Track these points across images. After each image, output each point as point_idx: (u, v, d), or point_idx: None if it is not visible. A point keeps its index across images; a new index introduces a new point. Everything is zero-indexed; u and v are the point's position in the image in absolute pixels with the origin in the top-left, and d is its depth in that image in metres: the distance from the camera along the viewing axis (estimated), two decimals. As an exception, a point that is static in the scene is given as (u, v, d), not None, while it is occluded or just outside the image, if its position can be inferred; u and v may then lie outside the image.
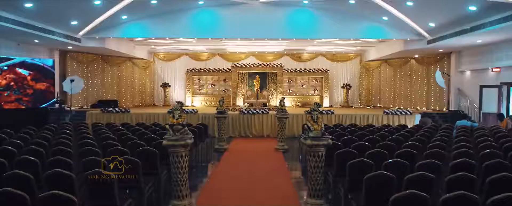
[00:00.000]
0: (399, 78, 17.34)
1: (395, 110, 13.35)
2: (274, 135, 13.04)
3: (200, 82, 19.20)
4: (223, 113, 10.27)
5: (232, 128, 13.21)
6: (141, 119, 13.13)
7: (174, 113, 4.88)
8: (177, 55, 19.14)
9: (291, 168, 8.61)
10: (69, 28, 12.12)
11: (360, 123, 12.87)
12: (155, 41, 15.81)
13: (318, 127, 4.96)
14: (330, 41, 15.28)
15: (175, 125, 4.81)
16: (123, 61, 17.63)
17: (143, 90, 18.85)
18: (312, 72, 18.73)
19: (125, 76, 17.85)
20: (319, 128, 4.95)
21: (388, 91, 17.94)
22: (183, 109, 5.02)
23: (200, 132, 9.11)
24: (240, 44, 16.25)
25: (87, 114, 13.39)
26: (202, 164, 8.97)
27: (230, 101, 18.46)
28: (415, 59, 16.49)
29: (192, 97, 18.80)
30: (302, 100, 18.67)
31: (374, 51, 17.45)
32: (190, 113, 13.29)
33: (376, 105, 18.50)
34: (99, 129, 8.53)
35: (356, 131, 8.35)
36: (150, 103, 19.15)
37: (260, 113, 13.28)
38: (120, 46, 15.29)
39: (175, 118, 4.85)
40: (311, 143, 4.87)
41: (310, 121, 5.05)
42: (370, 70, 18.94)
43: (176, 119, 4.84)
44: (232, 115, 13.27)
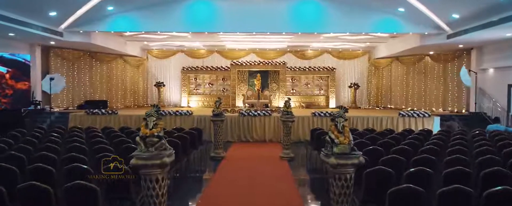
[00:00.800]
0: (412, 77, 16.01)
1: (411, 112, 12.03)
2: (277, 140, 11.77)
3: (197, 81, 17.90)
4: (220, 116, 8.97)
5: (230, 132, 11.92)
6: (129, 122, 11.82)
7: (147, 121, 3.57)
8: (172, 52, 17.84)
9: (299, 182, 7.31)
10: (47, 20, 10.83)
11: (374, 126, 11.57)
12: (148, 37, 14.53)
13: (346, 140, 3.64)
14: (338, 37, 14.00)
15: (148, 137, 3.50)
16: (113, 59, 16.32)
17: (135, 89, 17.54)
18: (317, 71, 17.42)
19: (115, 74, 16.54)
20: (347, 141, 3.63)
21: (399, 91, 16.61)
22: (160, 114, 3.70)
23: (192, 138, 7.83)
24: (240, 39, 14.96)
25: (70, 116, 12.09)
26: (195, 175, 7.69)
27: (229, 101, 17.15)
28: (430, 56, 15.18)
29: (188, 98, 17.50)
30: (307, 100, 17.36)
31: (384, 48, 16.15)
32: (184, 115, 12.00)
33: (387, 106, 17.18)
34: (73, 135, 7.24)
35: (377, 138, 7.03)
36: (143, 103, 17.85)
37: (261, 115, 11.97)
38: (109, 42, 14.00)
39: (148, 127, 3.54)
40: (336, 162, 3.54)
41: (334, 131, 3.73)
42: (379, 68, 17.62)
43: (150, 129, 3.52)
44: (231, 117, 11.97)
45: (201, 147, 8.62)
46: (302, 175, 8.01)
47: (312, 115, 11.96)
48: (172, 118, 11.94)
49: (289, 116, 8.91)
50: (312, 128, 9.13)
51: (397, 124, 11.85)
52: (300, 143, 11.38)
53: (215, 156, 8.95)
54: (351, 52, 17.76)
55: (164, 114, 11.93)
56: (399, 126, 11.78)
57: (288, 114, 8.93)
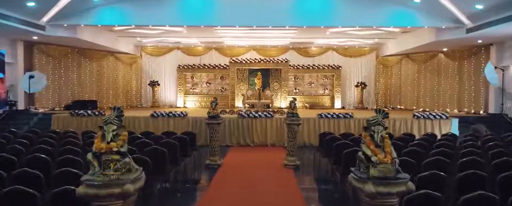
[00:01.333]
0: (424, 76, 14.94)
1: (427, 114, 10.96)
2: (280, 144, 10.74)
3: (194, 80, 16.83)
4: (216, 119, 7.90)
5: (229, 135, 10.88)
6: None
7: (105, 131, 2.51)
8: (168, 49, 16.78)
9: (307, 195, 6.25)
10: (27, 12, 9.78)
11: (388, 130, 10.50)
12: (140, 32, 13.48)
13: (388, 158, 2.55)
14: (345, 32, 12.98)
15: (104, 154, 2.44)
16: (104, 56, 15.26)
17: (128, 89, 16.48)
18: (322, 69, 16.35)
19: (106, 73, 15.48)
20: (390, 160, 2.54)
21: (410, 90, 15.53)
22: (121, 120, 2.65)
23: (184, 145, 6.77)
24: (239, 35, 13.90)
25: (53, 118, 11.03)
26: (187, 186, 6.64)
27: (228, 102, 16.14)
28: (443, 53, 14.11)
29: (185, 98, 16.44)
30: (310, 100, 16.30)
31: (393, 44, 15.09)
32: (178, 117, 10.94)
33: (396, 106, 16.11)
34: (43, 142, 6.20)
35: (400, 145, 5.95)
36: (136, 104, 16.79)
37: (262, 117, 10.91)
38: (98, 37, 12.96)
39: (106, 140, 2.48)
40: (375, 190, 2.47)
41: (370, 145, 2.64)
42: (388, 67, 16.55)
43: (108, 142, 2.47)
44: (229, 119, 10.92)
45: (194, 153, 7.57)
46: (310, 187, 6.97)
47: (318, 117, 10.90)
48: (165, 120, 10.89)
49: (295, 119, 7.84)
50: (321, 133, 8.07)
51: (412, 126, 10.81)
52: (305, 147, 10.35)
53: (211, 164, 7.89)
54: (358, 49, 16.70)
55: (156, 115, 10.88)
56: (414, 128, 10.75)
57: (293, 116, 7.86)
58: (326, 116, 10.88)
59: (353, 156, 5.48)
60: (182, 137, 6.94)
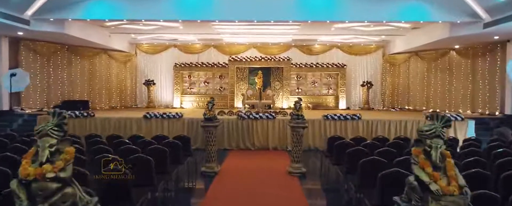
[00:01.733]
0: (435, 74, 14.14)
1: (441, 115, 10.16)
2: (283, 147, 9.98)
3: (191, 79, 16.05)
4: (212, 121, 7.12)
5: (227, 138, 10.11)
6: (107, 126, 10.03)
7: (38, 147, 1.72)
8: (164, 46, 16.00)
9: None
10: (9, 4, 9.00)
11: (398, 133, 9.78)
12: (134, 28, 12.71)
13: (453, 188, 1.75)
14: (351, 28, 12.20)
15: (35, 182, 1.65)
16: (97, 53, 14.48)
17: (122, 88, 15.70)
18: (326, 67, 15.56)
19: (99, 71, 14.69)
20: (456, 189, 1.73)
21: (419, 90, 14.73)
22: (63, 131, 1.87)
23: (175, 151, 6.00)
24: (239, 31, 13.12)
25: (38, 120, 10.25)
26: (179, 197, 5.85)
27: (227, 102, 15.36)
28: (455, 51, 13.31)
29: (181, 97, 15.65)
30: (314, 100, 15.51)
31: (401, 42, 14.30)
32: (173, 119, 10.16)
33: (404, 107, 15.32)
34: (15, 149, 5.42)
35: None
36: (131, 104, 16.01)
37: (264, 118, 10.13)
38: (89, 34, 12.17)
39: (41, 160, 1.69)
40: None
41: (426, 166, 1.85)
42: (395, 65, 15.76)
43: (43, 164, 1.68)
44: (228, 120, 10.15)
45: (189, 160, 6.79)
46: (318, 198, 6.20)
47: (323, 119, 10.13)
48: (158, 122, 10.11)
49: (300, 121, 7.06)
50: (330, 137, 7.28)
51: (425, 129, 9.99)
52: (309, 151, 9.57)
53: (207, 171, 7.11)
54: (363, 47, 15.92)
55: (149, 117, 10.10)
56: (427, 131, 9.94)
57: (299, 118, 7.08)
58: (332, 117, 10.10)
59: (371, 167, 4.75)
60: (174, 142, 6.15)
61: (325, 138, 9.58)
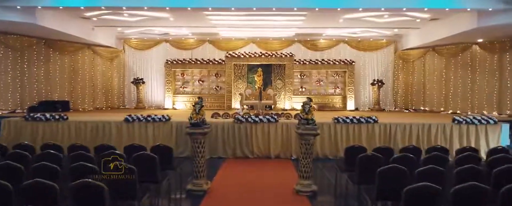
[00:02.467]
0: (454, 72, 12.69)
1: (470, 118, 8.76)
2: (286, 155, 8.59)
3: (185, 77, 14.63)
4: (200, 127, 5.69)
5: (222, 145, 8.70)
6: (82, 132, 8.65)
7: None
8: (155, 41, 14.58)
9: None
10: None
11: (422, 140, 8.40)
12: (119, 20, 11.32)
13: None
14: (362, 19, 10.83)
15: None
16: (79, 49, 13.06)
17: (108, 87, 14.28)
18: (332, 64, 14.14)
19: (81, 68, 13.27)
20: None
21: (436, 89, 13.29)
22: None
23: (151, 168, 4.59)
24: (236, 22, 11.72)
25: (2, 124, 8.84)
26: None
27: (224, 102, 13.97)
28: (479, 45, 11.89)
29: (174, 98, 14.24)
30: (319, 100, 14.09)
31: (416, 36, 12.91)
32: (159, 122, 8.74)
33: (419, 108, 13.90)
34: None
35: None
36: (118, 105, 14.59)
37: (265, 121, 8.72)
38: (68, 26, 10.80)
39: None
40: None
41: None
42: (409, 62, 14.34)
43: None
44: (223, 124, 8.74)
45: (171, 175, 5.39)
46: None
47: (334, 122, 8.71)
48: (142, 127, 8.70)
49: (311, 127, 5.62)
50: (348, 147, 5.83)
51: (451, 134, 8.62)
52: (317, 160, 8.14)
53: (193, 189, 5.69)
54: (372, 42, 14.50)
55: (131, 120, 8.69)
56: (454, 137, 8.58)
57: (308, 123, 5.64)
58: (344, 120, 8.68)
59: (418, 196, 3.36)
60: (150, 157, 4.72)
61: (341, 147, 8.26)
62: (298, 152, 8.51)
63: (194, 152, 5.71)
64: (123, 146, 8.21)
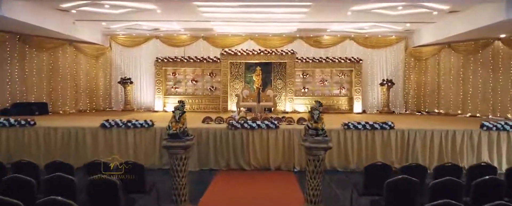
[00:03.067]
0: (473, 71, 11.49)
1: (501, 124, 7.57)
2: (288, 167, 7.45)
3: (177, 77, 13.44)
4: (180, 138, 4.49)
5: (214, 155, 7.54)
6: (52, 140, 7.44)
7: None
8: (144, 38, 13.38)
9: None
10: None
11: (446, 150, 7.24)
12: (101, 12, 10.12)
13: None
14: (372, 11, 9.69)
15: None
16: (59, 45, 11.87)
17: (93, 88, 13.08)
18: (337, 63, 12.95)
19: (62, 67, 12.06)
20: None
21: (453, 89, 12.08)
22: None
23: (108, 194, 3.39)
24: (232, 16, 10.56)
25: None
26: None
27: (219, 104, 12.80)
28: (502, 41, 10.70)
29: (164, 99, 13.04)
30: (323, 102, 12.80)
31: (429, 31, 11.74)
32: (141, 128, 7.56)
33: (432, 110, 12.70)
34: None
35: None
36: (104, 107, 13.40)
37: (263, 127, 7.54)
38: (44, 19, 9.63)
39: None
40: None
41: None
42: (421, 60, 13.15)
43: None
44: (215, 130, 7.56)
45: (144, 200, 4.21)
46: None
47: (343, 128, 7.53)
48: (121, 134, 7.53)
49: (322, 139, 4.43)
50: (369, 165, 4.62)
51: (479, 142, 7.45)
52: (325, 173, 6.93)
53: (172, 218, 4.51)
54: (381, 38, 13.31)
55: (108, 126, 7.51)
56: (482, 145, 7.41)
57: (318, 134, 4.45)
58: (355, 126, 7.49)
59: None
60: (106, 183, 3.52)
61: (352, 157, 7.12)
62: (302, 163, 7.41)
63: (172, 171, 4.52)
64: (100, 156, 7.18)
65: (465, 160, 7.44)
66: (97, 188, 3.51)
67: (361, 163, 7.44)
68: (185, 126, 4.54)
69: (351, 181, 4.85)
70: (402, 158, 7.50)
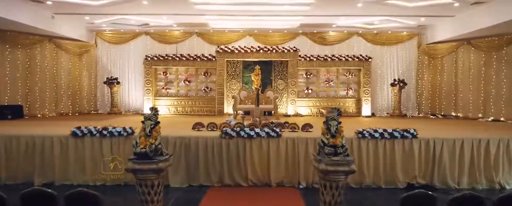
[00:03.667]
0: (497, 70, 10.32)
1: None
2: (292, 183, 6.39)
3: (168, 76, 12.30)
4: (150, 160, 3.32)
5: (205, 168, 6.40)
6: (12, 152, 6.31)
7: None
8: (133, 34, 12.24)
9: None
10: None
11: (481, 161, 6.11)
12: (82, 4, 9.01)
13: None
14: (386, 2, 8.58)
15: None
16: (37, 42, 10.72)
17: (76, 89, 11.93)
18: (344, 61, 11.83)
19: (41, 66, 10.89)
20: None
21: (473, 91, 10.90)
22: None
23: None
24: (228, 9, 9.45)
25: None
26: None
27: (214, 107, 11.68)
28: (529, 36, 9.58)
29: (155, 101, 11.90)
30: (328, 105, 11.74)
31: (445, 26, 10.65)
32: (119, 137, 6.40)
33: (449, 114, 11.55)
34: None
35: None
36: (89, 109, 12.25)
37: (263, 136, 6.39)
38: (16, 12, 8.63)
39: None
40: None
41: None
42: (437, 58, 12.00)
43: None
44: (206, 140, 6.42)
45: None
46: None
47: (357, 136, 6.39)
48: (95, 144, 6.37)
49: (342, 161, 3.28)
50: (405, 196, 3.42)
51: (517, 153, 6.30)
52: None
53: None
54: (392, 34, 12.18)
55: (79, 134, 6.36)
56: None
57: (337, 153, 3.29)
58: (372, 135, 6.34)
59: None
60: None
61: (368, 172, 6.04)
62: (308, 177, 6.30)
63: (142, 202, 3.35)
64: (69, 171, 6.11)
65: (500, 175, 6.33)
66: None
67: (378, 178, 6.34)
68: (158, 141, 3.39)
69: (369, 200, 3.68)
70: (427, 173, 6.38)
